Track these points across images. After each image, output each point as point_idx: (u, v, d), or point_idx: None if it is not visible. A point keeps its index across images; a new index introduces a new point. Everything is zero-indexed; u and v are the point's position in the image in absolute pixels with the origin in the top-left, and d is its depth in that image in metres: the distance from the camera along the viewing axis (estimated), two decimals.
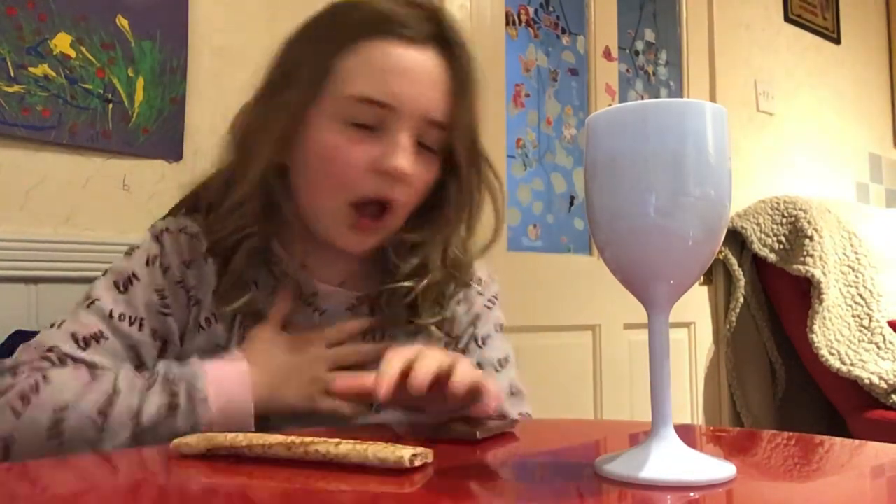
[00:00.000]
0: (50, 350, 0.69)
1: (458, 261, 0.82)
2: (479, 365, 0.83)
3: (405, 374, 0.60)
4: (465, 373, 0.61)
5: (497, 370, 0.84)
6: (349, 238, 0.76)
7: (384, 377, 0.59)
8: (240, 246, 0.75)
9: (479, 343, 0.85)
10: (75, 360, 0.69)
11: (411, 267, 0.79)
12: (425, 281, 0.79)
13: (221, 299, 0.75)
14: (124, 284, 0.74)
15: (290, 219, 0.78)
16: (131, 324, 0.72)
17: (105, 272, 0.76)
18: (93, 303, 0.72)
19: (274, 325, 0.76)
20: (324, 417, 0.73)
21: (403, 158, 0.72)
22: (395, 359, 0.61)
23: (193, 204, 0.82)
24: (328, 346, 0.76)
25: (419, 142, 0.75)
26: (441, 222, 0.81)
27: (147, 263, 0.75)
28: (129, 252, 0.77)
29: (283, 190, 0.77)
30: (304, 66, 0.74)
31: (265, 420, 0.71)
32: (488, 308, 0.88)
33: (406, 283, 0.79)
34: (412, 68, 0.73)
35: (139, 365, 0.72)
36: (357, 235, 0.76)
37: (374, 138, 0.73)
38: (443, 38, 0.75)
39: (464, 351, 0.84)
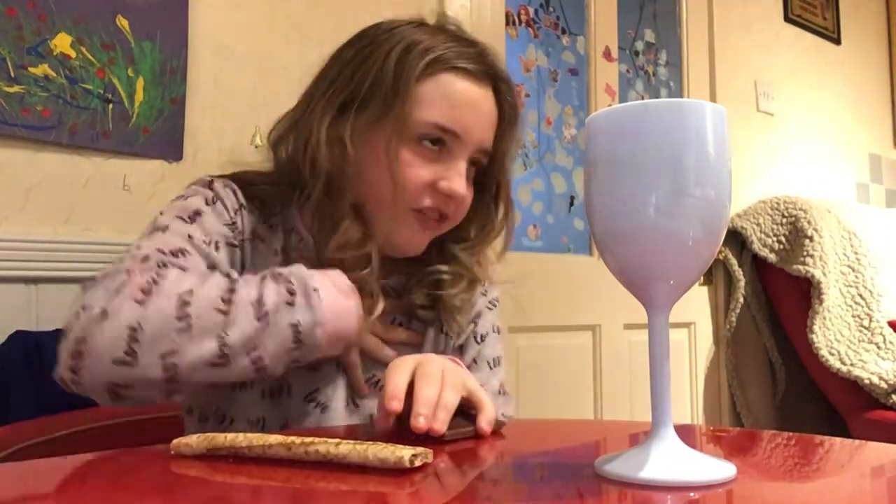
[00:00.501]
0: (146, 259, 0.69)
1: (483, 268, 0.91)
2: (475, 361, 0.88)
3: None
4: (488, 411, 0.65)
5: (490, 368, 0.89)
6: (409, 236, 0.82)
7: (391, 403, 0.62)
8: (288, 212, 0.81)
9: (478, 340, 0.90)
10: (169, 265, 0.69)
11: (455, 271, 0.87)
12: (461, 286, 0.86)
13: (259, 249, 0.79)
14: (191, 217, 0.75)
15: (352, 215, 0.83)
16: (208, 245, 0.74)
17: (162, 212, 0.77)
18: (166, 228, 0.74)
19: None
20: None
21: (460, 183, 0.81)
22: (400, 374, 0.64)
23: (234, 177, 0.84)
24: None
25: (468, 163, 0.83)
26: (486, 237, 0.90)
27: (207, 203, 0.77)
28: (183, 196, 0.79)
29: (347, 186, 0.81)
30: (389, 86, 0.79)
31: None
32: (489, 309, 0.93)
33: (441, 269, 0.86)
34: (477, 102, 0.82)
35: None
36: (420, 235, 0.83)
37: (439, 159, 0.81)
38: (496, 75, 0.84)
39: (462, 346, 0.88)
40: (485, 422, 0.63)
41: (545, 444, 0.64)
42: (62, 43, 1.14)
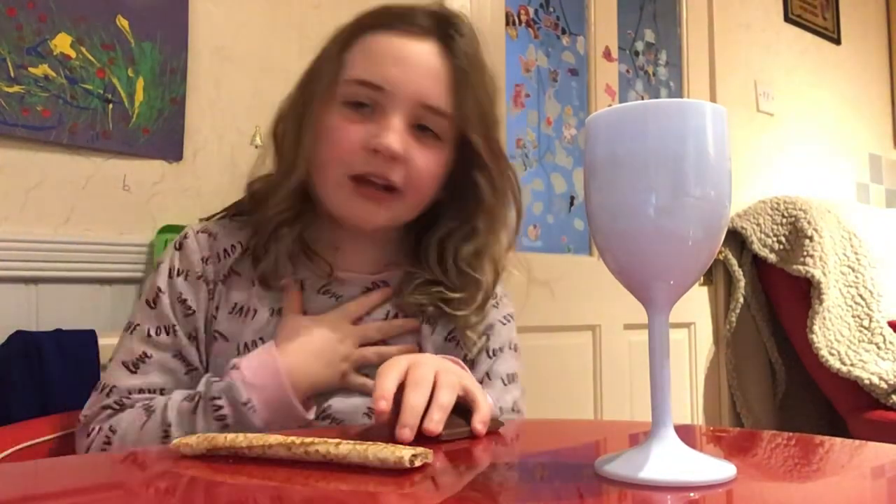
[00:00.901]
0: (109, 393, 0.77)
1: (496, 261, 0.87)
2: (488, 375, 0.85)
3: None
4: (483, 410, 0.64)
5: (504, 384, 0.86)
6: (356, 208, 0.79)
7: (381, 399, 0.61)
8: (278, 231, 0.81)
9: (490, 354, 0.87)
10: (131, 393, 0.77)
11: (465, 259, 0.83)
12: (479, 296, 0.84)
13: (264, 281, 0.81)
14: (154, 301, 0.80)
15: (319, 210, 0.83)
16: (167, 334, 0.79)
17: (140, 295, 0.86)
18: (134, 328, 0.80)
19: (294, 312, 0.80)
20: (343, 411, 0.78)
21: (392, 138, 0.76)
22: (391, 375, 0.63)
23: (235, 207, 0.88)
24: (352, 323, 0.81)
25: (420, 126, 0.79)
26: (490, 222, 0.85)
27: (170, 275, 0.81)
28: (157, 265, 0.84)
29: (312, 185, 0.83)
30: (324, 64, 0.81)
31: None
32: (503, 324, 0.90)
33: (454, 295, 0.83)
34: (407, 55, 0.78)
35: (189, 367, 0.79)
36: (363, 205, 0.79)
37: (369, 119, 0.78)
38: (444, 32, 0.80)
39: (473, 361, 0.86)
40: (479, 422, 0.62)
41: (545, 444, 0.64)
42: (62, 43, 1.14)
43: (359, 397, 0.79)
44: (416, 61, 0.78)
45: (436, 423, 0.59)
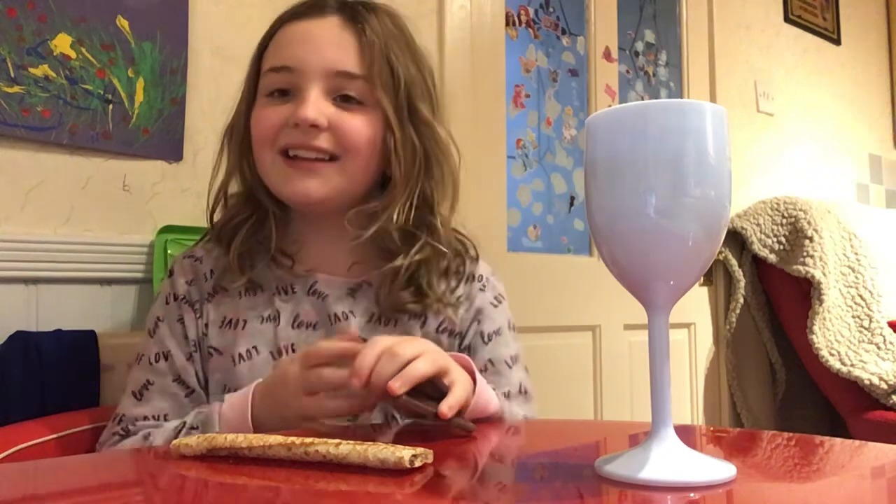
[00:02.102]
0: (119, 421, 0.81)
1: (432, 225, 0.86)
2: (491, 362, 0.85)
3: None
4: (457, 395, 0.64)
5: (509, 366, 0.86)
6: (291, 182, 0.81)
7: (360, 369, 0.62)
8: (235, 232, 0.85)
9: (485, 339, 0.87)
10: (136, 420, 0.81)
11: (384, 230, 0.83)
12: (415, 249, 0.83)
13: (223, 279, 0.84)
14: (153, 330, 0.85)
15: (269, 214, 0.86)
16: (165, 360, 0.83)
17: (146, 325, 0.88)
18: (140, 358, 0.84)
19: (298, 356, 0.74)
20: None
21: (306, 108, 0.79)
22: (371, 352, 0.64)
23: (206, 233, 0.93)
24: (308, 367, 0.72)
25: (346, 95, 0.82)
26: (391, 184, 0.84)
27: (166, 301, 0.86)
28: (157, 295, 0.89)
29: (258, 185, 0.87)
30: (249, 69, 0.88)
31: None
32: (494, 306, 0.89)
33: (398, 262, 0.83)
34: (307, 33, 0.82)
35: (189, 390, 0.82)
36: (297, 178, 0.81)
37: (288, 102, 0.82)
38: (346, 6, 0.84)
39: (468, 348, 0.86)
40: (446, 405, 0.62)
41: (545, 444, 0.64)
42: (62, 43, 1.14)
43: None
44: (319, 34, 0.82)
45: (400, 383, 0.60)
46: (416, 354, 0.64)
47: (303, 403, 0.69)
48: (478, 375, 0.72)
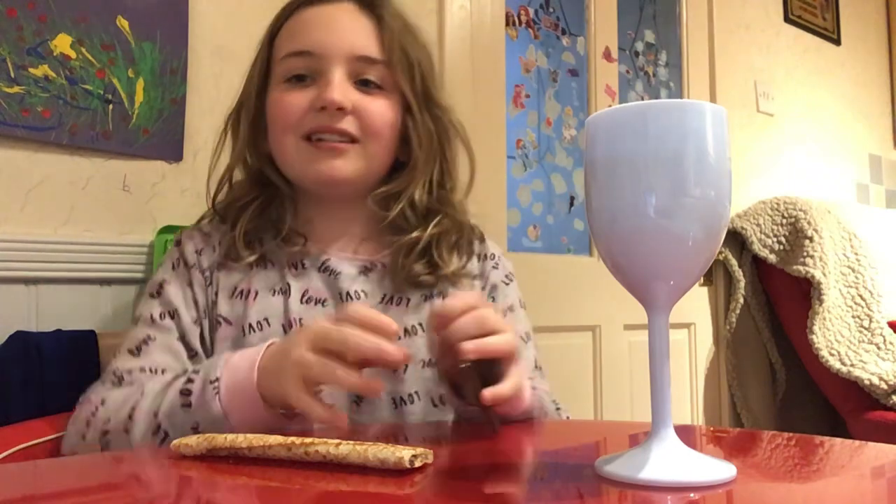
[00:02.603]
0: (113, 373, 0.79)
1: (448, 202, 0.88)
2: None
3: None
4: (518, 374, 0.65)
5: (524, 342, 0.88)
6: (317, 164, 0.82)
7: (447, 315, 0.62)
8: (242, 212, 0.85)
9: (502, 315, 0.85)
10: (131, 372, 0.77)
11: (395, 213, 0.85)
12: (431, 225, 0.84)
13: (232, 256, 0.83)
14: (157, 291, 0.83)
15: (283, 196, 0.86)
16: (171, 318, 0.80)
17: (144, 292, 0.86)
18: (138, 319, 0.82)
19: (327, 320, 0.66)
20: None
21: (333, 91, 0.79)
22: (459, 304, 0.63)
23: (211, 214, 0.92)
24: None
25: (365, 80, 0.83)
26: (410, 166, 0.86)
27: (172, 267, 0.84)
28: (160, 264, 0.88)
29: (272, 167, 0.87)
30: (258, 57, 0.88)
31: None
32: (505, 284, 0.92)
33: (414, 234, 0.84)
34: (326, 17, 0.83)
35: (192, 352, 0.80)
36: (323, 159, 0.81)
37: (311, 86, 0.82)
38: None
39: None
40: (490, 392, 0.60)
41: (545, 444, 0.64)
42: (62, 43, 1.14)
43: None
44: (338, 19, 0.83)
45: (473, 347, 0.60)
46: (499, 329, 0.63)
47: (304, 357, 0.62)
48: (527, 383, 0.72)
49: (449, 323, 0.62)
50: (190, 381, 0.68)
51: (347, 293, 0.83)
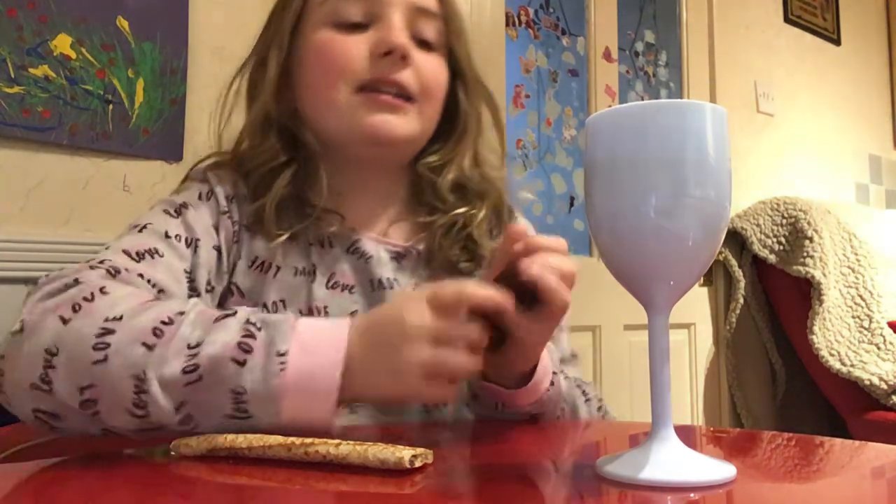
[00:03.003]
0: (103, 262, 0.61)
1: (488, 178, 0.81)
2: None
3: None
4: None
5: (560, 329, 0.81)
6: (372, 119, 0.72)
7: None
8: (269, 179, 0.74)
9: None
10: (129, 271, 0.61)
11: (449, 184, 0.78)
12: (482, 208, 0.77)
13: (257, 230, 0.72)
14: (177, 210, 0.70)
15: (314, 155, 0.76)
16: (188, 245, 0.68)
17: (152, 207, 0.72)
18: (145, 226, 0.67)
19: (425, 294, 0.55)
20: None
21: (397, 33, 0.71)
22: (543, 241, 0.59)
23: (228, 159, 0.80)
24: (444, 314, 0.54)
25: (417, 38, 0.75)
26: (460, 133, 0.80)
27: (199, 198, 0.72)
28: (177, 191, 0.75)
29: (298, 126, 0.77)
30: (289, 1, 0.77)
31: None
32: None
33: (458, 211, 0.77)
34: None
35: (194, 291, 0.67)
36: (379, 114, 0.72)
37: (366, 33, 0.73)
38: None
39: None
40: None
41: (545, 444, 0.64)
42: (62, 44, 1.14)
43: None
44: None
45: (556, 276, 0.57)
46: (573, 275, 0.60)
47: (426, 359, 0.52)
48: (558, 373, 0.69)
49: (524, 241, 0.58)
50: (249, 333, 0.53)
51: (379, 280, 0.75)
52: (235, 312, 0.55)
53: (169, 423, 0.53)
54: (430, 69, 0.75)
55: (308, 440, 0.49)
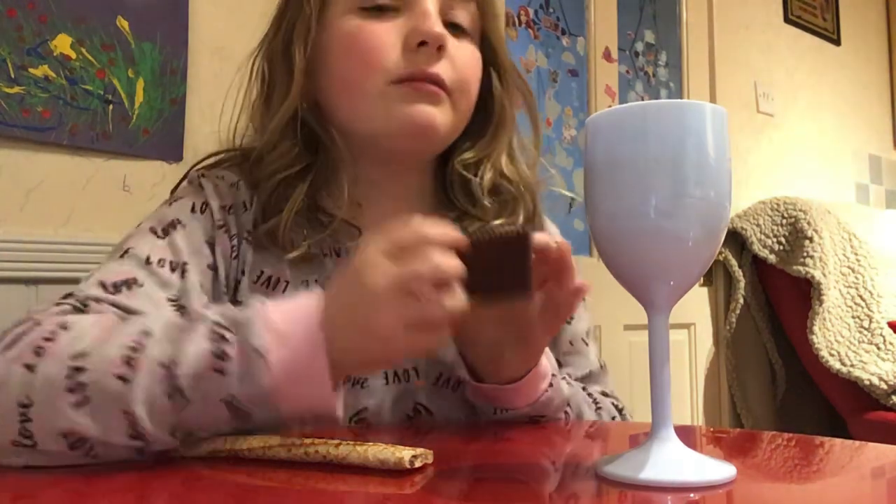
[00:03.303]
0: (73, 295, 0.59)
1: (527, 179, 0.75)
2: (570, 343, 0.77)
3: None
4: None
5: (586, 344, 0.78)
6: (411, 110, 0.66)
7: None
8: (284, 190, 0.68)
9: (568, 319, 0.77)
10: (100, 302, 0.58)
11: (488, 184, 0.72)
12: (520, 211, 0.72)
13: (269, 245, 0.67)
14: (164, 230, 0.65)
15: (335, 158, 0.71)
16: (173, 270, 0.63)
17: (139, 223, 0.68)
18: (126, 252, 0.64)
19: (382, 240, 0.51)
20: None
21: (436, 24, 0.66)
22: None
23: (234, 158, 0.76)
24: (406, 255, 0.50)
25: (450, 22, 0.70)
26: (496, 126, 0.74)
27: (193, 210, 0.67)
28: (169, 202, 0.70)
29: (320, 121, 0.71)
30: None
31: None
32: None
33: (496, 222, 0.70)
34: None
35: None
36: (418, 104, 0.66)
37: (398, 16, 0.68)
38: None
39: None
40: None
41: (545, 445, 0.64)
42: (62, 44, 1.14)
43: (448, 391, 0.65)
44: None
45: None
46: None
47: (403, 314, 0.48)
48: (557, 376, 0.67)
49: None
50: (220, 336, 0.49)
51: None
52: (202, 316, 0.52)
53: (171, 445, 0.51)
54: (465, 59, 0.69)
55: (308, 440, 0.49)
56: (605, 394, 0.77)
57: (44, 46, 1.12)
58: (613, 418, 0.75)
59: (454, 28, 0.70)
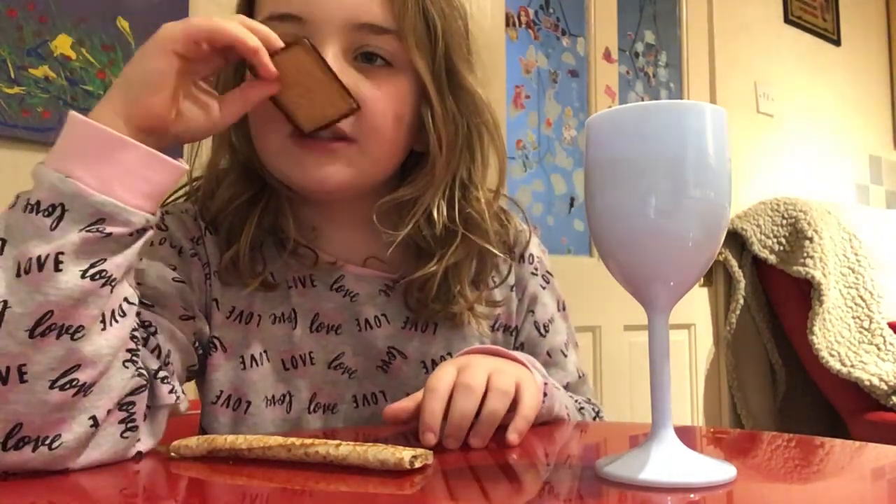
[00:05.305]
0: None
1: (472, 218, 0.71)
2: (548, 354, 0.79)
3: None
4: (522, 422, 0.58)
5: (565, 355, 0.80)
6: (307, 169, 0.65)
7: (429, 422, 0.54)
8: (238, 220, 0.68)
9: (542, 331, 0.79)
10: None
11: (415, 227, 0.69)
12: (451, 250, 0.69)
13: (231, 279, 0.67)
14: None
15: (279, 195, 0.70)
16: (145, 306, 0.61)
17: None
18: None
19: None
20: None
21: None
22: (438, 395, 0.55)
23: (193, 192, 0.75)
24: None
25: (366, 54, 0.66)
26: (427, 167, 0.69)
27: (151, 244, 0.64)
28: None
29: (255, 157, 0.70)
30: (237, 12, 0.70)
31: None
32: (543, 288, 0.81)
33: (429, 269, 0.69)
34: None
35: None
36: (314, 163, 0.65)
37: None
38: None
39: (522, 345, 0.78)
40: (513, 431, 0.56)
41: (545, 445, 0.64)
42: (63, 44, 1.14)
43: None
44: None
45: (481, 437, 0.55)
46: (486, 383, 0.56)
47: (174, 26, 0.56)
48: (549, 382, 0.67)
49: (439, 427, 0.55)
50: (18, 197, 0.56)
51: (367, 320, 0.71)
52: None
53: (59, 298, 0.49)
54: (371, 105, 0.65)
55: (308, 441, 0.49)
56: (587, 401, 0.81)
57: (44, 47, 1.12)
58: (594, 419, 0.79)
59: (370, 59, 0.66)
